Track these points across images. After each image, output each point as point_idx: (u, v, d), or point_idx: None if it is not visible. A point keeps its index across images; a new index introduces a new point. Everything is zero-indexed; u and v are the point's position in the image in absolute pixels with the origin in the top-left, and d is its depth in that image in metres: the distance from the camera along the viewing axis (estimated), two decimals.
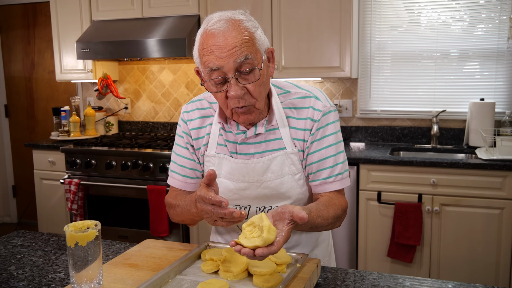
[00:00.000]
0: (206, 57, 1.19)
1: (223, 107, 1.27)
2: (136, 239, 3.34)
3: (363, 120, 3.55)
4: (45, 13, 4.54)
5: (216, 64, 1.17)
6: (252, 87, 1.21)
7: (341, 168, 1.34)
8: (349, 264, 3.05)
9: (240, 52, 1.17)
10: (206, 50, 1.19)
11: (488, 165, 2.67)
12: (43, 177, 3.74)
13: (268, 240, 1.01)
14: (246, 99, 1.22)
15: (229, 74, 1.18)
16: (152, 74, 4.08)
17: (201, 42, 1.21)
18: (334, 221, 1.28)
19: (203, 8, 3.41)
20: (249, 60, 1.18)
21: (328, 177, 1.33)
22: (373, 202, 2.92)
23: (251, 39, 1.19)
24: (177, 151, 1.45)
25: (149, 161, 3.29)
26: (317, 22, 3.19)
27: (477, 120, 3.07)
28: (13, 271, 1.28)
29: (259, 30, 1.24)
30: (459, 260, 2.79)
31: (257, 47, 1.21)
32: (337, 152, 1.34)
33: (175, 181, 1.45)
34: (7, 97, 4.91)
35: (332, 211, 1.27)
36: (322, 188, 1.34)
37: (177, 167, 1.45)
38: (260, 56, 1.22)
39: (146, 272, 1.20)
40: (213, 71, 1.19)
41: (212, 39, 1.18)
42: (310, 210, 1.19)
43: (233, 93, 1.19)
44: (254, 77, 1.20)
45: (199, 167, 1.44)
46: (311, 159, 1.34)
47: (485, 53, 3.22)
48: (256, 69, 1.20)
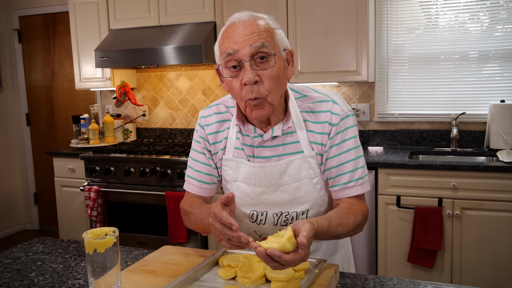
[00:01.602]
0: (225, 43, 1.22)
1: (238, 99, 1.27)
2: (155, 245, 3.36)
3: (381, 124, 3.52)
4: (64, 23, 4.62)
5: (233, 48, 1.20)
6: (265, 76, 1.21)
7: (361, 172, 1.33)
8: (369, 269, 3.02)
9: (257, 38, 1.19)
10: (225, 37, 1.23)
11: (510, 168, 2.62)
12: (63, 184, 3.79)
13: (284, 247, 1.00)
14: (258, 89, 1.21)
15: (244, 58, 1.20)
16: (169, 81, 4.11)
17: (222, 34, 1.26)
18: (355, 228, 1.27)
19: (219, 15, 3.43)
20: (265, 48, 1.20)
21: (349, 182, 1.32)
22: (392, 207, 2.88)
23: (271, 31, 1.23)
24: (193, 156, 1.46)
25: (167, 167, 3.31)
26: (332, 26, 3.18)
27: (497, 122, 3.01)
28: (34, 278, 1.30)
29: (280, 30, 1.27)
30: (481, 265, 2.74)
31: (276, 41, 1.23)
32: (356, 156, 1.33)
33: (190, 186, 1.46)
34: (28, 106, 5.00)
35: (352, 218, 1.25)
36: (342, 193, 1.33)
37: (193, 172, 1.45)
38: (277, 49, 1.23)
39: (164, 278, 1.20)
40: (229, 55, 1.21)
41: (232, 28, 1.22)
42: (330, 220, 1.18)
43: (246, 78, 1.19)
44: (269, 65, 1.21)
45: (215, 173, 1.44)
46: (330, 164, 1.32)
47: (505, 54, 3.17)
48: (271, 55, 1.21)
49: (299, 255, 1.02)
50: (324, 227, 1.13)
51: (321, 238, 1.16)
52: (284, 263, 1.01)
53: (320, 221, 1.13)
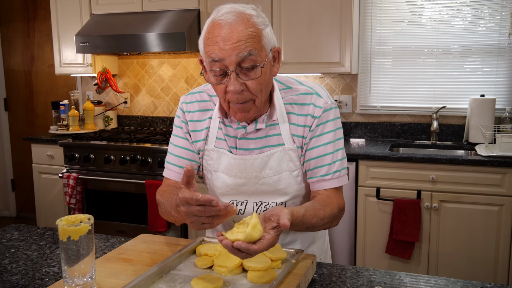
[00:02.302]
0: (209, 47, 1.17)
1: (221, 100, 1.25)
2: (134, 234, 3.33)
3: (362, 116, 3.53)
4: (44, 6, 4.52)
5: (218, 56, 1.15)
6: (252, 84, 1.18)
7: (339, 165, 1.33)
8: (348, 260, 3.04)
9: (244, 47, 1.14)
10: (211, 40, 1.17)
11: (487, 162, 2.65)
12: (41, 171, 3.73)
13: (250, 236, 0.99)
14: (245, 96, 1.19)
15: (230, 67, 1.16)
16: (152, 69, 4.06)
17: (207, 32, 1.19)
18: (331, 220, 1.27)
19: (203, 3, 3.39)
20: (252, 57, 1.16)
21: (326, 175, 1.32)
22: (372, 198, 2.91)
23: (258, 35, 1.17)
24: (174, 142, 1.43)
25: (148, 155, 3.28)
26: (317, 17, 3.17)
27: (477, 117, 3.05)
28: (7, 265, 1.28)
29: (268, 28, 1.21)
30: (457, 257, 2.79)
31: (263, 44, 1.18)
32: (335, 149, 1.32)
33: (170, 173, 1.43)
34: (6, 90, 4.89)
35: (328, 210, 1.25)
36: (319, 186, 1.33)
37: (173, 158, 1.42)
38: (264, 54, 1.19)
39: (140, 266, 1.19)
40: (214, 62, 1.17)
41: (218, 30, 1.16)
42: (306, 210, 1.17)
43: (231, 88, 1.17)
44: (255, 75, 1.18)
45: (196, 158, 1.41)
46: (309, 156, 1.32)
47: (486, 49, 3.20)
48: (258, 66, 1.17)
49: (266, 241, 1.01)
50: (299, 217, 1.13)
51: (296, 228, 1.15)
52: (252, 253, 1.00)
53: (296, 209, 1.13)
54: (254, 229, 1.00)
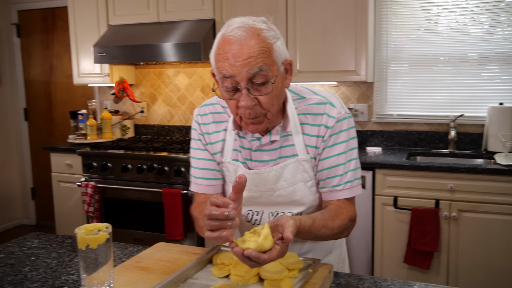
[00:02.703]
0: (220, 63, 1.17)
1: (233, 114, 1.25)
2: (151, 242, 3.34)
3: (379, 124, 3.51)
4: (63, 18, 4.60)
5: (230, 72, 1.15)
6: (263, 99, 1.18)
7: (351, 176, 1.31)
8: (365, 270, 3.01)
9: (255, 63, 1.14)
10: (222, 56, 1.16)
11: (507, 171, 2.61)
12: (60, 180, 3.78)
13: (261, 246, 0.99)
14: (256, 110, 1.19)
15: (241, 83, 1.15)
16: (168, 78, 4.11)
17: (218, 47, 1.19)
18: (340, 231, 1.26)
19: (219, 13, 3.42)
20: (263, 72, 1.15)
21: (337, 185, 1.31)
22: (389, 208, 2.88)
23: (269, 50, 1.16)
24: (196, 155, 1.42)
25: (165, 164, 3.30)
26: (332, 26, 3.17)
27: (496, 125, 3.01)
28: (27, 273, 1.29)
29: (279, 41, 1.21)
30: (477, 268, 2.74)
31: (274, 59, 1.18)
32: (347, 160, 1.31)
33: (198, 187, 1.41)
34: (26, 101, 4.99)
35: (338, 222, 1.24)
36: (331, 196, 1.32)
37: (199, 172, 1.41)
38: (276, 68, 1.19)
39: (157, 275, 1.20)
40: (226, 78, 1.17)
41: (229, 46, 1.15)
42: (314, 220, 1.17)
43: (243, 103, 1.17)
44: (266, 90, 1.17)
45: (219, 168, 1.41)
46: (321, 166, 1.32)
47: (505, 57, 3.16)
48: (269, 82, 1.17)
49: (276, 252, 1.01)
50: (306, 226, 1.13)
51: (303, 237, 1.15)
52: (262, 263, 1.00)
53: (303, 219, 1.13)
54: (266, 240, 1.00)
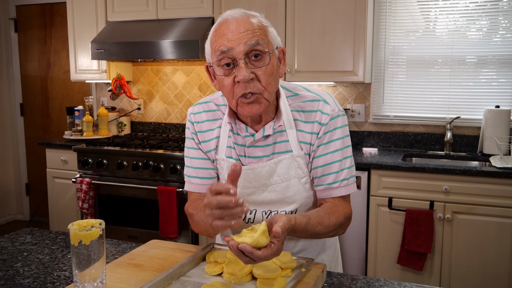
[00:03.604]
0: (218, 41, 1.19)
1: (229, 97, 1.23)
2: (145, 239, 3.34)
3: (375, 125, 3.52)
4: (61, 13, 4.59)
5: (227, 46, 1.17)
6: (261, 73, 1.19)
7: (347, 173, 1.32)
8: (359, 270, 3.02)
9: (252, 35, 1.17)
10: (218, 35, 1.20)
11: (502, 173, 2.62)
12: (55, 176, 3.77)
13: (257, 242, 0.99)
14: (254, 85, 1.19)
15: (238, 56, 1.17)
16: (166, 76, 4.10)
17: (214, 31, 1.22)
18: (336, 229, 1.26)
19: (217, 10, 3.42)
20: (260, 46, 1.18)
21: (333, 183, 1.31)
22: (383, 208, 2.88)
23: (264, 29, 1.21)
24: (190, 154, 1.42)
25: (160, 162, 3.29)
26: (331, 26, 3.17)
27: (492, 128, 3.02)
28: (19, 268, 1.29)
29: (272, 28, 1.26)
30: (470, 270, 2.75)
31: (269, 39, 1.22)
32: (343, 157, 1.31)
33: (193, 186, 1.41)
34: (22, 96, 4.97)
35: (333, 219, 1.24)
36: (326, 194, 1.32)
37: (192, 171, 1.41)
38: (271, 47, 1.22)
39: (150, 272, 1.19)
40: (223, 53, 1.18)
41: (226, 25, 1.19)
42: (310, 218, 1.17)
43: (241, 76, 1.17)
44: (264, 63, 1.19)
45: (212, 166, 1.41)
46: (316, 163, 1.32)
47: (502, 60, 3.17)
48: (266, 53, 1.19)
49: (271, 250, 1.01)
50: (302, 224, 1.13)
51: (299, 235, 1.16)
52: (256, 259, 1.00)
53: (298, 217, 1.13)
54: (262, 236, 1.00)
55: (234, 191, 1.01)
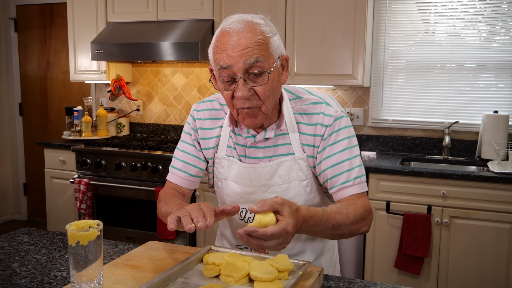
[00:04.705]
0: (218, 54, 1.20)
1: (229, 107, 1.26)
2: (143, 240, 3.34)
3: (374, 129, 3.52)
4: (61, 14, 4.59)
5: (227, 63, 1.17)
6: (260, 90, 1.20)
7: (358, 171, 1.30)
8: (356, 274, 3.02)
9: (251, 53, 1.16)
10: (220, 48, 1.19)
11: (500, 179, 2.63)
12: (53, 176, 3.77)
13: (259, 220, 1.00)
14: (252, 101, 1.21)
15: (238, 74, 1.18)
16: (165, 77, 4.10)
17: (216, 40, 1.22)
18: (358, 221, 1.22)
19: (218, 13, 3.42)
20: (260, 63, 1.17)
21: (346, 182, 1.29)
22: (381, 212, 2.89)
23: (265, 43, 1.19)
24: (181, 147, 1.46)
25: (159, 163, 3.29)
26: (330, 29, 3.18)
27: (490, 133, 3.03)
28: (16, 268, 1.29)
29: (276, 37, 1.24)
30: (467, 274, 2.75)
31: (271, 52, 1.20)
32: (352, 156, 1.30)
33: (175, 177, 1.45)
34: (21, 95, 4.97)
35: (351, 209, 1.21)
36: (341, 194, 1.29)
37: (178, 163, 1.45)
38: (272, 61, 1.21)
39: (147, 274, 1.19)
40: (223, 69, 1.19)
41: (226, 38, 1.18)
42: (326, 208, 1.16)
43: (239, 93, 1.19)
44: (263, 81, 1.19)
45: (202, 166, 1.44)
46: (325, 165, 1.31)
47: (501, 65, 3.18)
48: (265, 72, 1.19)
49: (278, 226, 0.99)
50: (319, 211, 1.12)
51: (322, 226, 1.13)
52: (264, 237, 0.98)
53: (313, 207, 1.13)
54: (265, 215, 1.00)
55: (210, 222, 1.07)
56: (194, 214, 1.08)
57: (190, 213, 1.09)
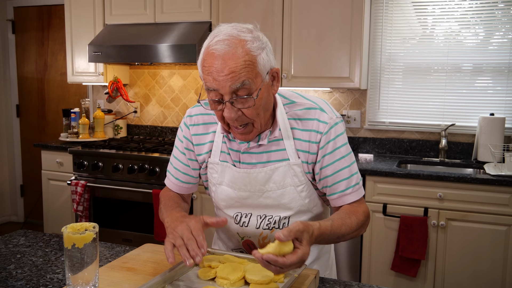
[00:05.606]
0: (205, 75, 1.18)
1: (221, 123, 1.28)
2: (140, 242, 3.33)
3: (371, 131, 3.53)
4: (59, 15, 4.59)
5: (213, 86, 1.17)
6: (247, 111, 1.20)
7: (357, 178, 1.33)
8: (352, 277, 3.02)
9: (237, 78, 1.14)
10: (206, 69, 1.18)
11: (496, 181, 2.64)
12: (50, 178, 3.77)
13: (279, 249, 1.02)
14: (242, 120, 1.22)
15: (225, 97, 1.17)
16: (162, 79, 4.10)
17: (203, 59, 1.20)
18: (358, 227, 1.28)
19: (215, 15, 3.43)
20: (246, 86, 1.16)
21: (346, 189, 1.31)
22: (378, 214, 2.89)
23: (252, 63, 1.16)
24: (174, 153, 1.48)
25: (156, 165, 3.29)
26: (327, 32, 3.19)
27: (486, 135, 3.04)
28: (12, 270, 1.29)
29: (264, 52, 1.19)
30: (464, 276, 2.76)
31: (258, 71, 1.18)
32: (350, 163, 1.33)
33: (169, 182, 1.51)
34: (19, 97, 4.96)
35: (354, 218, 1.26)
36: (341, 201, 1.33)
37: (172, 169, 1.49)
38: (260, 80, 1.18)
39: (143, 276, 1.20)
40: (210, 90, 1.20)
41: (212, 60, 1.16)
42: (333, 220, 1.20)
43: (227, 115, 1.20)
44: (248, 104, 1.18)
45: (193, 173, 1.46)
46: (325, 173, 1.32)
47: (497, 68, 3.19)
48: (251, 96, 1.17)
49: (296, 255, 1.03)
50: (328, 227, 1.16)
51: (328, 239, 1.18)
52: (282, 266, 1.02)
53: (322, 222, 1.16)
54: (284, 244, 1.02)
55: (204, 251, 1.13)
56: (189, 245, 1.13)
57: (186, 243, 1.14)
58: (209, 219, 1.21)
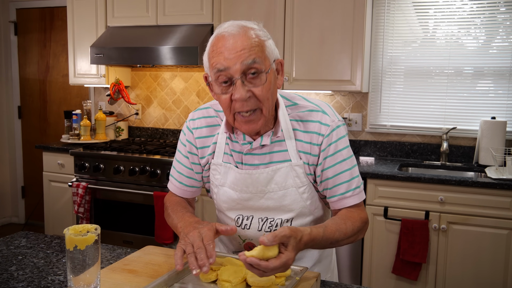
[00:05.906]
0: (215, 58, 1.20)
1: (227, 112, 1.26)
2: (141, 245, 3.33)
3: (372, 134, 3.53)
4: (61, 17, 4.60)
5: (224, 65, 1.17)
6: (258, 91, 1.20)
7: (357, 182, 1.33)
8: (353, 280, 3.02)
9: (248, 55, 1.17)
10: (215, 51, 1.20)
11: (497, 185, 2.63)
12: (52, 179, 3.77)
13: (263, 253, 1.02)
14: (251, 103, 1.20)
15: (235, 75, 1.18)
16: (164, 81, 4.11)
17: (212, 45, 1.22)
18: (354, 234, 1.27)
19: (217, 18, 3.44)
20: (257, 64, 1.18)
21: (346, 192, 1.32)
22: (379, 218, 2.89)
23: (261, 45, 1.20)
24: (177, 157, 1.47)
25: (157, 167, 3.30)
26: (329, 35, 3.19)
27: (487, 139, 3.03)
28: (14, 272, 1.29)
29: (270, 41, 1.25)
30: (465, 280, 2.75)
31: (266, 54, 1.21)
32: (352, 166, 1.33)
33: (172, 186, 1.49)
34: (21, 98, 4.97)
35: (350, 224, 1.26)
36: (341, 204, 1.33)
37: (175, 173, 1.48)
38: (268, 63, 1.22)
39: (145, 278, 1.20)
40: (220, 71, 1.19)
41: (222, 41, 1.19)
42: (326, 226, 1.20)
43: (237, 95, 1.18)
44: (261, 82, 1.20)
45: (197, 177, 1.45)
46: (326, 175, 1.32)
47: (499, 71, 3.19)
48: (263, 73, 1.19)
49: (279, 260, 1.03)
50: (319, 233, 1.15)
51: (320, 245, 1.18)
52: (265, 270, 1.02)
53: (315, 227, 1.15)
54: (269, 248, 1.02)
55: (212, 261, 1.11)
56: (198, 254, 1.12)
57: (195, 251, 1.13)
58: (220, 227, 1.20)
